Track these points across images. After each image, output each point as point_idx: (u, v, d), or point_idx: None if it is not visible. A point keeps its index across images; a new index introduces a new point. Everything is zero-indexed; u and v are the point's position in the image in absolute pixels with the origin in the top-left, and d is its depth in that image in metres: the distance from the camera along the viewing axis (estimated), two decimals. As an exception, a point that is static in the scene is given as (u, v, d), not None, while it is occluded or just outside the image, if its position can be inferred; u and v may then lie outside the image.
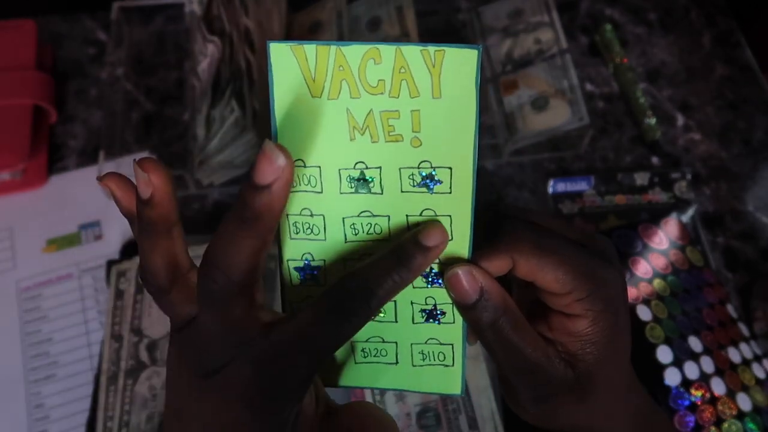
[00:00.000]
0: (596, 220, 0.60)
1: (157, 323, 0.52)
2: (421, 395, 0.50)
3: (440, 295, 0.31)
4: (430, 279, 0.30)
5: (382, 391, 0.50)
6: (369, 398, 0.49)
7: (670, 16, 0.73)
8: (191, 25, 0.65)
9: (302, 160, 0.28)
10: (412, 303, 0.31)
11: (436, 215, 0.29)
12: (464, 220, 0.29)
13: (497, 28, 0.67)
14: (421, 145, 0.28)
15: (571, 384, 0.30)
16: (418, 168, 0.29)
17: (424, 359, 0.32)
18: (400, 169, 0.29)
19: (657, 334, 0.50)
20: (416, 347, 0.32)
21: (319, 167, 0.29)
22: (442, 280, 0.30)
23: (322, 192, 0.29)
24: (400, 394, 0.50)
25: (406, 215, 0.29)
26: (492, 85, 0.64)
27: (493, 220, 0.31)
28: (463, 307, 0.29)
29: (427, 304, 0.31)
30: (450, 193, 0.29)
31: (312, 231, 0.30)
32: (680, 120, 0.67)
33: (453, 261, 0.30)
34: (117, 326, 0.52)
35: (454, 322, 0.31)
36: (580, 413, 0.31)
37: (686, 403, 0.48)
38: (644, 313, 0.51)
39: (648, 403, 0.35)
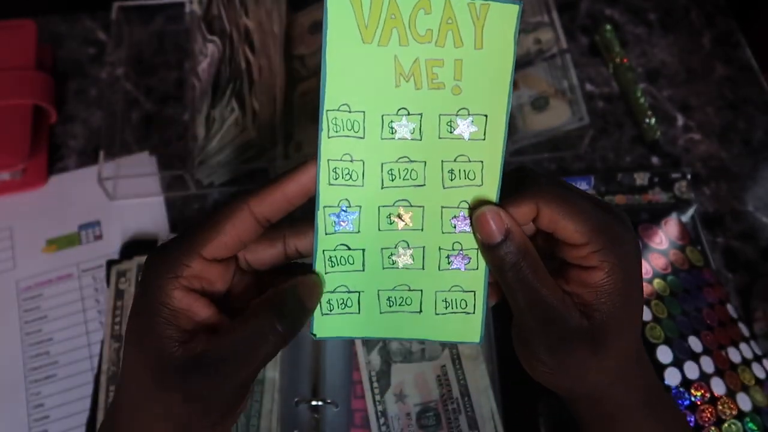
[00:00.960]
0: (596, 220, 0.60)
1: (157, 323, 0.52)
2: (420, 395, 0.50)
3: (466, 241, 0.32)
4: (459, 224, 0.32)
5: (382, 391, 0.50)
6: (369, 399, 0.49)
7: (670, 16, 0.73)
8: (191, 25, 0.65)
9: (347, 105, 0.30)
10: (440, 249, 0.32)
11: (470, 161, 0.31)
12: (495, 166, 0.31)
13: (497, 28, 0.67)
14: (461, 93, 0.30)
15: (586, 332, 0.31)
16: (457, 115, 0.30)
17: (446, 307, 0.33)
18: (439, 115, 0.30)
19: (657, 334, 0.50)
20: (440, 295, 0.33)
21: (364, 112, 0.30)
22: (470, 222, 0.32)
23: (363, 137, 0.30)
24: (400, 393, 0.50)
25: (442, 161, 0.31)
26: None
27: (520, 175, 0.33)
28: (488, 246, 0.31)
29: (453, 250, 0.32)
30: (484, 140, 0.31)
31: (351, 176, 0.31)
32: (680, 120, 0.67)
33: (481, 204, 0.31)
34: (117, 326, 0.52)
35: (477, 269, 0.32)
36: (592, 369, 0.32)
37: (686, 403, 0.48)
38: (644, 313, 0.51)
39: (660, 386, 0.36)
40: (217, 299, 0.31)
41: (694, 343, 0.51)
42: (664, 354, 0.49)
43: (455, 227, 0.32)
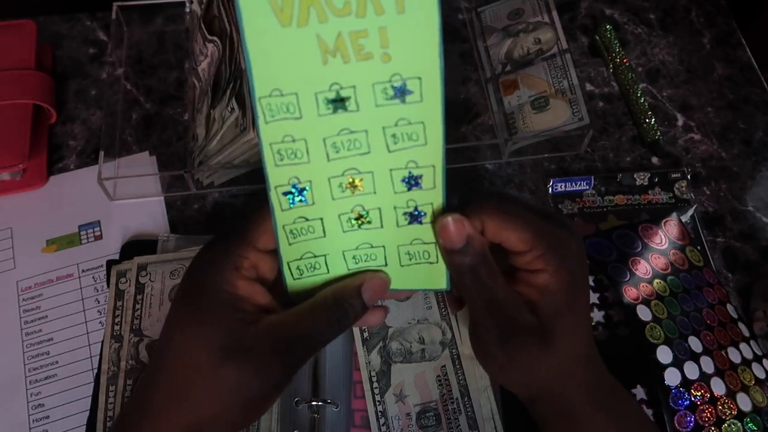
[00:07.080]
0: (596, 220, 0.60)
1: (157, 323, 0.52)
2: (420, 395, 0.50)
3: (420, 197, 0.33)
4: (411, 183, 0.33)
5: (382, 392, 0.50)
6: (369, 399, 0.49)
7: (670, 16, 0.73)
8: (191, 25, 0.65)
9: (279, 90, 0.30)
10: (395, 208, 0.34)
11: (410, 123, 0.31)
12: (436, 125, 0.31)
13: (497, 28, 0.67)
14: (390, 60, 0.29)
15: (534, 328, 0.34)
16: (390, 81, 0.30)
17: (410, 259, 0.35)
18: (373, 85, 0.30)
19: (657, 334, 0.50)
20: (402, 248, 0.35)
21: (296, 94, 0.30)
22: (420, 182, 0.33)
23: (301, 117, 0.31)
24: (400, 394, 0.50)
25: (383, 127, 0.31)
26: (492, 85, 0.64)
27: (464, 195, 0.35)
28: (449, 251, 0.33)
29: (408, 207, 0.34)
30: (421, 101, 0.31)
31: (296, 155, 0.32)
32: (680, 120, 0.67)
33: (444, 213, 0.33)
34: (117, 326, 0.52)
35: (435, 222, 0.34)
36: (542, 364, 0.34)
37: (686, 403, 0.48)
38: (644, 313, 0.51)
39: (615, 384, 0.38)
40: (269, 287, 0.35)
41: (694, 343, 0.51)
42: (664, 354, 0.49)
43: (407, 187, 0.33)
